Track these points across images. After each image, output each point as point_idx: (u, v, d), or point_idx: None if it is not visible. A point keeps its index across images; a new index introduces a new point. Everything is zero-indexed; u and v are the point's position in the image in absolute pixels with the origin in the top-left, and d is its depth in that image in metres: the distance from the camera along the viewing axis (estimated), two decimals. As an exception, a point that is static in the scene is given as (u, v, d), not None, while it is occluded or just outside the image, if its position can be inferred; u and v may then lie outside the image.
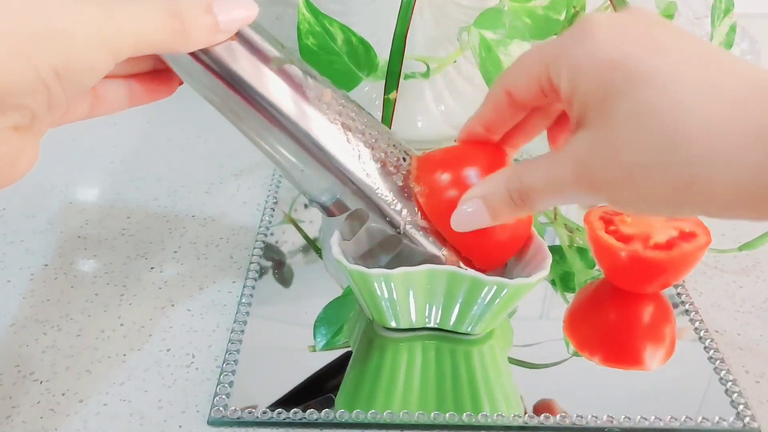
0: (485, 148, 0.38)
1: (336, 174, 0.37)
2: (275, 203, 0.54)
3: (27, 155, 0.31)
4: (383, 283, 0.37)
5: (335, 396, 0.38)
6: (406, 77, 0.49)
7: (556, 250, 0.50)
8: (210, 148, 0.63)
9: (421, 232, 0.38)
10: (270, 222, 0.52)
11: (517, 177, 0.33)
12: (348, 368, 0.40)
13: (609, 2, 0.46)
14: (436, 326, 0.41)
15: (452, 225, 0.37)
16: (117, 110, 0.36)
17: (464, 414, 0.37)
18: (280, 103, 0.36)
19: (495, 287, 0.37)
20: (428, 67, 0.50)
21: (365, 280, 0.37)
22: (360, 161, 0.37)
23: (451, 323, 0.41)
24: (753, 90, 0.26)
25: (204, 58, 0.34)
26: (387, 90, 0.45)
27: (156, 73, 0.37)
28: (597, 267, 0.46)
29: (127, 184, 0.58)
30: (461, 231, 0.37)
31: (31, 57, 0.28)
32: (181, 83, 0.37)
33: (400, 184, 0.38)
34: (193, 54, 0.34)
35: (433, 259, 0.38)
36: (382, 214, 0.38)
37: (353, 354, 0.41)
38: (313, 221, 0.53)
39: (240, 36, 0.35)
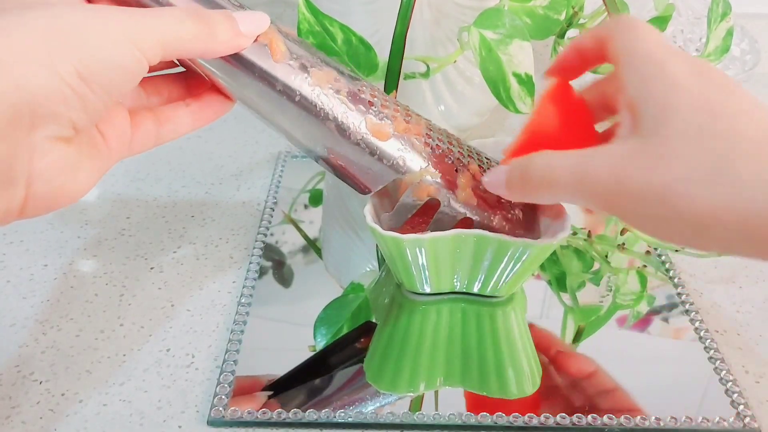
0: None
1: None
2: (275, 203, 0.54)
3: (86, 170, 0.32)
4: (415, 248, 0.39)
5: (363, 361, 0.40)
6: (406, 77, 0.49)
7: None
8: (210, 149, 0.63)
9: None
10: (270, 222, 0.52)
11: (547, 158, 0.33)
12: (375, 333, 0.42)
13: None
14: (462, 290, 0.44)
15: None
16: (183, 134, 0.38)
17: (464, 414, 0.37)
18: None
19: (521, 248, 0.39)
20: (428, 67, 0.50)
21: (398, 245, 0.39)
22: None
23: (477, 286, 0.43)
24: None
25: (234, 61, 0.36)
26: (387, 90, 0.45)
27: (213, 91, 0.38)
28: (593, 269, 0.47)
29: (127, 184, 0.58)
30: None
31: (51, 63, 0.28)
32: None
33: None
34: (224, 58, 0.36)
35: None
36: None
37: (381, 320, 0.43)
38: (313, 221, 0.53)
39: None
